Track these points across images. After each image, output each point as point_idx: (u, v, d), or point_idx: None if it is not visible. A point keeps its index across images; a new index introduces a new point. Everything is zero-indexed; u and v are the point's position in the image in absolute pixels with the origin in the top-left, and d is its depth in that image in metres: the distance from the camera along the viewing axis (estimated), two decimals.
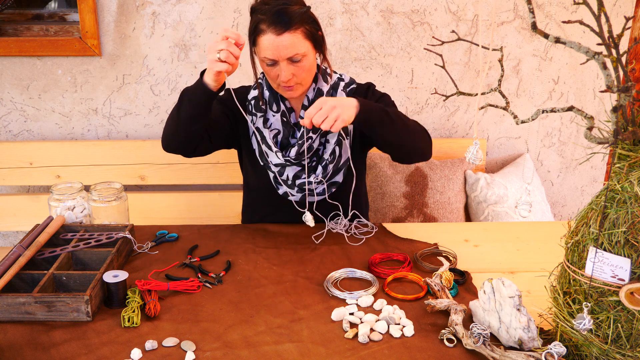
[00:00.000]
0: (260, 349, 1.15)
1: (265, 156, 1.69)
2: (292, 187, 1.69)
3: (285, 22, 1.49)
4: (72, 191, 1.60)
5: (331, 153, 1.66)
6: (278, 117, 1.66)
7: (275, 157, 1.66)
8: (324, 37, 1.62)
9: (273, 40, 1.50)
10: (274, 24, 1.49)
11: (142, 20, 2.34)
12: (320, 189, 1.69)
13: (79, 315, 1.23)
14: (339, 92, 1.68)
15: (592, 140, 0.94)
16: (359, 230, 1.67)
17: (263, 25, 1.51)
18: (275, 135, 1.67)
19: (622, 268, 0.96)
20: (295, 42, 1.51)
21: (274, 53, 1.51)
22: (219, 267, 1.48)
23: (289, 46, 1.50)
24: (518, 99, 2.55)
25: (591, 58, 0.89)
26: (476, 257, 1.55)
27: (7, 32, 2.38)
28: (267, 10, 1.51)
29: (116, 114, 2.47)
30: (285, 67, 1.54)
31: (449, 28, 2.41)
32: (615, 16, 2.43)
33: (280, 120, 1.66)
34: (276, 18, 1.49)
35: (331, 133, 1.65)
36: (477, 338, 1.10)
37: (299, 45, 1.52)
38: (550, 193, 2.72)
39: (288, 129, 1.67)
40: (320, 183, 1.68)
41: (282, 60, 1.52)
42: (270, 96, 1.66)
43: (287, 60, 1.53)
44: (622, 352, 0.99)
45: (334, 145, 1.65)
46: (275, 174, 1.69)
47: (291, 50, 1.51)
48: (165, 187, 2.51)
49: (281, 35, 1.49)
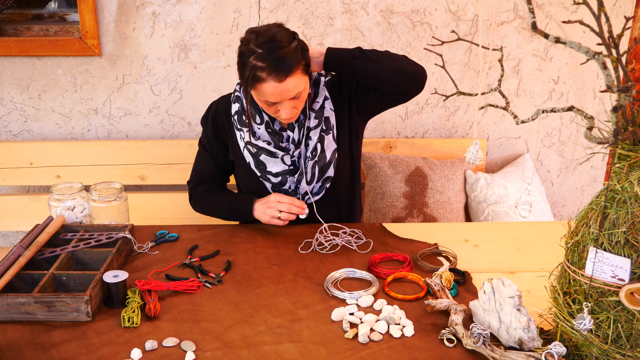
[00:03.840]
0: (260, 349, 1.15)
1: (262, 166, 1.69)
2: (293, 195, 1.70)
3: (285, 68, 1.47)
4: (72, 191, 1.60)
5: (312, 149, 1.66)
6: (263, 128, 1.66)
7: (276, 166, 1.66)
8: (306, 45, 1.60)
9: (276, 87, 1.49)
10: (274, 72, 1.47)
11: (142, 20, 2.34)
12: (316, 187, 1.70)
13: (79, 315, 1.23)
14: (321, 87, 1.70)
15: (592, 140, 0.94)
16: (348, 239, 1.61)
17: (262, 73, 1.47)
18: (267, 145, 1.67)
19: (622, 268, 0.96)
20: (297, 83, 1.52)
21: (277, 97, 1.51)
22: (219, 267, 1.48)
23: (292, 89, 1.51)
24: (518, 99, 2.55)
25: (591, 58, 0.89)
26: (476, 257, 1.55)
27: (7, 32, 2.38)
28: (262, 56, 1.47)
29: (116, 114, 2.47)
30: (287, 106, 1.54)
31: (449, 28, 2.41)
32: (615, 16, 2.43)
33: (266, 131, 1.66)
34: (276, 66, 1.46)
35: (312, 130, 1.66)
36: (477, 338, 1.10)
37: (300, 84, 1.53)
38: (550, 193, 2.72)
39: (277, 137, 1.67)
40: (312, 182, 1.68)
41: (284, 101, 1.53)
42: (251, 108, 1.66)
43: (289, 100, 1.54)
44: (622, 352, 0.99)
45: (315, 141, 1.66)
46: (275, 184, 1.70)
47: (294, 91, 1.52)
48: (165, 187, 2.51)
49: (284, 81, 1.48)
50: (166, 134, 2.51)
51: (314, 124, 1.66)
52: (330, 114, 1.70)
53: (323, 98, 1.69)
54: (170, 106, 2.46)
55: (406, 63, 1.64)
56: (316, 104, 1.68)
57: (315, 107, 1.67)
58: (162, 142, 2.42)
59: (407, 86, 1.66)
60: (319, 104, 1.68)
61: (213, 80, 2.43)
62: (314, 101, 1.68)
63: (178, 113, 2.48)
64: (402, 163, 2.38)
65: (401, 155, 2.41)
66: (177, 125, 2.49)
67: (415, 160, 2.39)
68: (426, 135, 2.58)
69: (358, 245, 1.59)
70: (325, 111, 1.68)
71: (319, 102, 1.68)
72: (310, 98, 1.67)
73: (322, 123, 1.67)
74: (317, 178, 1.69)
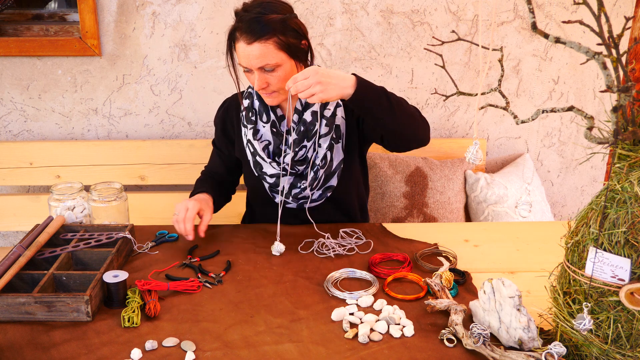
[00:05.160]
0: (260, 349, 1.15)
1: (259, 167, 1.68)
2: (287, 197, 1.68)
3: (257, 32, 1.46)
4: (72, 191, 1.60)
5: (322, 158, 1.63)
6: (268, 127, 1.65)
7: (270, 168, 1.66)
8: (310, 45, 1.58)
9: (244, 48, 1.49)
10: (246, 32, 1.47)
11: (142, 20, 2.34)
12: (316, 194, 1.69)
13: (79, 315, 1.23)
14: None
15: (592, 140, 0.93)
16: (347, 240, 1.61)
17: (238, 32, 1.49)
18: (266, 146, 1.66)
19: (622, 268, 0.96)
20: (265, 53, 1.48)
21: (246, 62, 1.50)
22: (219, 267, 1.48)
23: (258, 56, 1.48)
24: (518, 99, 2.55)
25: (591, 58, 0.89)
26: (476, 257, 1.55)
27: (7, 32, 2.38)
28: (243, 17, 1.48)
29: (116, 114, 2.47)
30: (258, 76, 1.52)
31: (449, 28, 2.41)
32: (615, 16, 2.43)
33: (270, 131, 1.65)
34: (249, 27, 1.47)
35: (322, 137, 1.62)
36: (477, 338, 1.10)
37: (270, 56, 1.49)
38: (550, 193, 2.72)
39: (279, 138, 1.65)
40: (314, 189, 1.67)
41: (254, 69, 1.51)
42: (260, 106, 1.65)
43: (258, 69, 1.51)
44: (622, 352, 0.99)
45: (325, 150, 1.63)
46: (271, 184, 1.69)
47: (261, 60, 1.49)
48: (165, 187, 2.51)
49: (251, 44, 1.47)
50: (166, 134, 2.51)
51: (324, 131, 1.62)
52: (341, 122, 1.65)
53: (335, 105, 1.63)
54: (170, 106, 2.46)
55: (418, 125, 1.55)
56: (327, 110, 1.62)
57: (326, 114, 1.62)
58: (162, 142, 2.42)
59: (410, 147, 1.60)
60: (330, 111, 1.63)
61: (213, 80, 2.43)
62: (326, 107, 1.63)
63: (178, 113, 2.48)
64: (402, 163, 2.38)
65: (401, 155, 2.41)
66: (177, 125, 2.49)
67: (415, 160, 2.39)
68: None
69: (358, 245, 1.59)
70: (336, 119, 1.64)
71: (331, 110, 1.63)
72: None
73: (332, 131, 1.63)
74: (319, 186, 1.68)
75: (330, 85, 1.38)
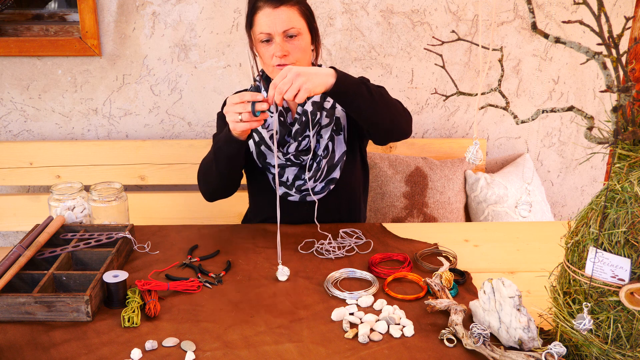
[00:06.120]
0: (260, 349, 1.15)
1: (263, 157, 1.69)
2: (290, 188, 1.69)
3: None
4: (72, 191, 1.60)
5: (324, 148, 1.66)
6: (276, 117, 1.66)
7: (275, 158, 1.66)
8: (318, 30, 1.65)
9: (270, 13, 1.53)
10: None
11: (142, 21, 2.34)
12: (319, 187, 1.69)
13: (79, 315, 1.23)
14: None
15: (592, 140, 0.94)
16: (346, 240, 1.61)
17: (260, 2, 1.55)
18: (272, 136, 1.67)
19: (622, 268, 0.96)
20: (291, 17, 1.54)
21: (270, 26, 1.53)
22: (219, 267, 1.48)
23: (285, 19, 1.53)
24: (518, 99, 2.55)
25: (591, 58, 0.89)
26: (476, 257, 1.55)
27: (7, 32, 2.38)
28: None
29: (116, 114, 2.47)
30: (280, 42, 1.55)
31: (449, 28, 2.41)
32: (615, 16, 2.43)
33: (278, 120, 1.66)
34: None
35: (324, 128, 1.65)
36: (477, 338, 1.10)
37: (295, 20, 1.55)
38: (550, 193, 2.72)
39: (285, 128, 1.67)
40: (317, 181, 1.67)
41: (277, 35, 1.54)
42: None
43: (282, 35, 1.54)
44: (622, 352, 0.99)
45: (327, 140, 1.66)
46: (274, 175, 1.69)
47: (287, 23, 1.54)
48: (165, 187, 2.51)
49: (278, 8, 1.53)
50: (166, 134, 2.51)
51: (325, 122, 1.65)
52: (341, 114, 1.69)
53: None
54: (170, 106, 2.46)
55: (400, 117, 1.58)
56: (327, 102, 1.66)
57: (326, 105, 1.66)
58: (162, 142, 2.42)
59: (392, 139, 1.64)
60: (330, 103, 1.67)
61: (213, 80, 2.43)
62: (325, 99, 1.67)
63: (178, 113, 2.48)
64: (402, 163, 2.38)
65: (401, 155, 2.41)
66: (177, 125, 2.49)
67: (415, 160, 2.39)
68: (426, 135, 2.58)
69: (358, 245, 1.59)
70: (336, 111, 1.68)
71: (330, 102, 1.67)
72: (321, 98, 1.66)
73: (333, 122, 1.66)
74: (322, 178, 1.69)
75: (311, 76, 1.40)
